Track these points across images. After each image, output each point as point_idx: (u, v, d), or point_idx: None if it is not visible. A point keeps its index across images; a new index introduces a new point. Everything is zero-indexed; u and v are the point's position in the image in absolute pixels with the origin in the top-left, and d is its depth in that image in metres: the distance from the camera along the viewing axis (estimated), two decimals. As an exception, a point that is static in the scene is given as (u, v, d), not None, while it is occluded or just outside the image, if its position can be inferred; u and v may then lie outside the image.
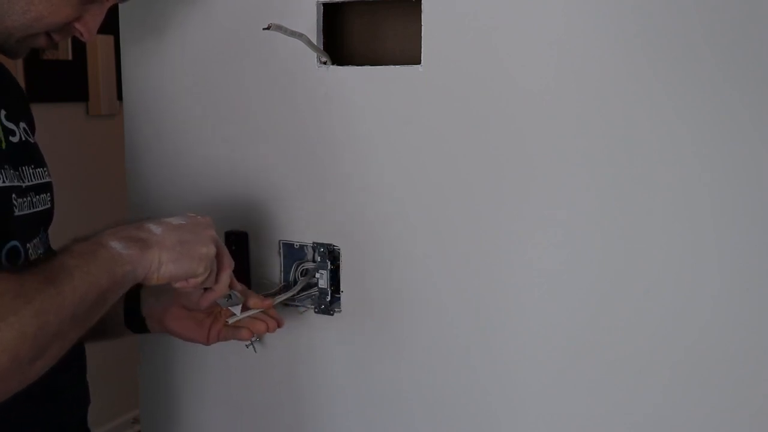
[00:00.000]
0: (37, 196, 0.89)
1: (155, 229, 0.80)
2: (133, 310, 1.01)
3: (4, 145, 0.83)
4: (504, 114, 0.93)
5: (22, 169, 0.86)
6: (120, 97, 1.88)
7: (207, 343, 0.99)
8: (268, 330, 0.99)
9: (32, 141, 0.92)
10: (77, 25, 0.86)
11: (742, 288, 0.85)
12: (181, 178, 1.15)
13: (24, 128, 0.91)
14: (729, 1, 0.81)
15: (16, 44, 0.85)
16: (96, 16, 0.87)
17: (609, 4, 0.86)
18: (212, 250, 0.84)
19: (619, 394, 0.92)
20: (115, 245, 0.76)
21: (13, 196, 0.82)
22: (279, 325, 0.99)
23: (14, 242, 0.81)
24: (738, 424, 0.87)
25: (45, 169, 0.93)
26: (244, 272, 1.11)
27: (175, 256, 0.80)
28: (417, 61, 0.97)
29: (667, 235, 0.87)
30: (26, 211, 0.85)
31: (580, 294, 0.92)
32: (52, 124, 0.96)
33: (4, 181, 0.80)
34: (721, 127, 0.83)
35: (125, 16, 1.15)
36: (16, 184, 0.83)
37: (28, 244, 0.84)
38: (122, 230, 0.78)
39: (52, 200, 0.93)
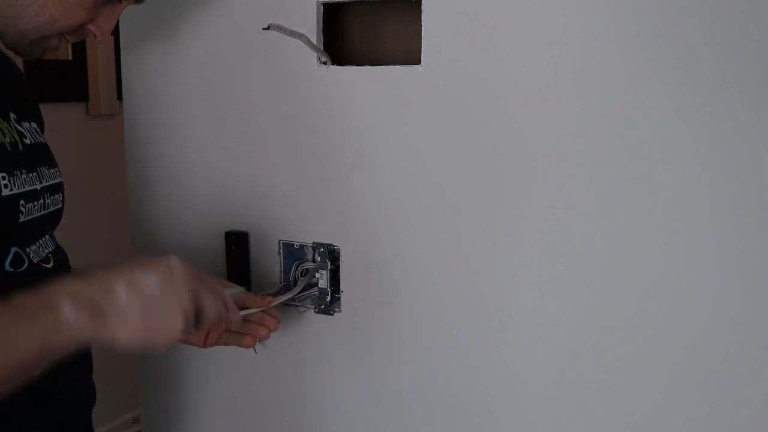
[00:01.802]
0: (51, 197, 0.90)
1: (122, 297, 0.72)
2: None
3: (21, 146, 0.84)
4: (504, 114, 0.93)
5: (39, 170, 0.87)
6: (120, 97, 1.88)
7: (203, 346, 0.99)
8: (270, 332, 0.99)
9: (43, 141, 0.92)
10: (91, 27, 0.87)
11: (742, 288, 0.85)
12: (181, 178, 1.15)
13: (35, 128, 0.91)
14: (729, 1, 0.81)
15: (30, 45, 0.86)
16: (109, 18, 0.88)
17: (609, 4, 0.86)
18: (179, 322, 0.75)
19: (619, 394, 0.92)
20: (68, 310, 0.69)
21: (21, 202, 0.82)
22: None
23: (15, 249, 0.81)
24: (738, 424, 0.87)
25: (57, 169, 0.93)
26: (244, 272, 1.11)
27: (133, 332, 0.73)
28: (417, 61, 0.97)
29: (667, 235, 0.87)
30: (36, 215, 0.85)
31: (580, 294, 0.92)
32: (52, 124, 0.96)
33: (11, 189, 0.80)
34: (721, 127, 0.83)
35: (125, 16, 1.15)
36: (28, 189, 0.83)
37: (28, 249, 0.84)
38: (86, 290, 0.71)
39: (63, 200, 0.94)
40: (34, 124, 0.91)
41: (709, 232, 0.86)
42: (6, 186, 0.80)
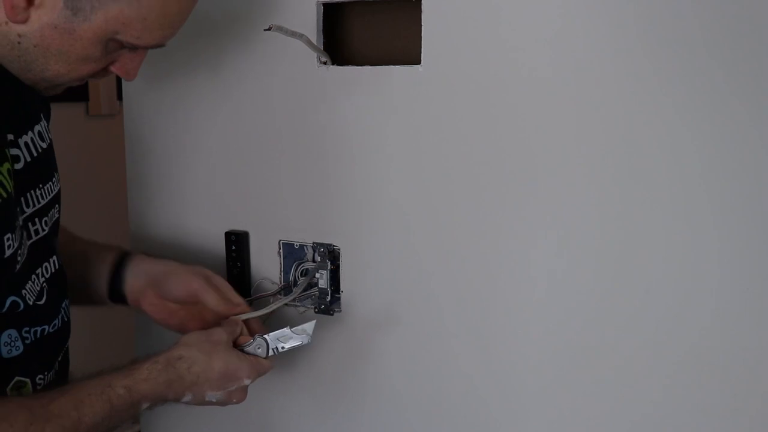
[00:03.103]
0: (46, 215, 0.87)
1: (187, 396, 0.89)
2: (116, 282, 1.02)
3: (10, 190, 0.79)
4: (504, 114, 0.93)
5: (29, 195, 0.84)
6: (120, 97, 1.88)
7: (184, 332, 0.98)
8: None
9: (44, 147, 0.88)
10: (113, 69, 0.83)
11: (742, 288, 0.85)
12: (181, 178, 1.15)
13: (38, 132, 0.87)
14: (729, 1, 0.81)
15: (47, 90, 0.83)
16: (132, 60, 0.84)
17: (608, 3, 0.86)
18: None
19: (619, 394, 0.92)
20: (145, 406, 0.85)
21: (19, 252, 0.80)
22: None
23: (12, 298, 0.81)
24: (738, 424, 0.87)
25: (54, 177, 0.90)
26: (244, 272, 1.11)
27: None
28: (417, 61, 0.97)
29: (667, 235, 0.87)
30: (26, 253, 0.83)
31: (581, 294, 0.92)
32: (53, 124, 0.96)
33: (12, 246, 0.78)
34: (721, 127, 0.83)
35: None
36: (20, 241, 0.80)
37: (24, 290, 0.83)
38: (163, 394, 0.86)
39: (59, 209, 0.92)
40: (37, 127, 0.87)
41: (709, 232, 0.86)
42: (9, 247, 0.77)
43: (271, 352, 0.93)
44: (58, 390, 0.81)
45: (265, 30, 0.92)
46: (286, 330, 0.93)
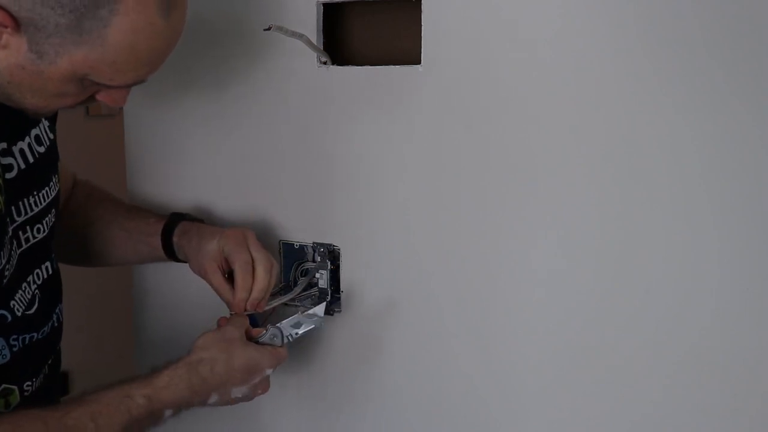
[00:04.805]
0: (40, 222, 0.87)
1: (213, 397, 0.90)
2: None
3: (3, 208, 0.78)
4: (504, 114, 0.93)
5: (21, 204, 0.83)
6: (120, 97, 1.87)
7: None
8: None
9: (41, 151, 0.87)
10: (99, 98, 0.81)
11: (742, 288, 0.85)
12: (181, 179, 1.15)
13: (35, 137, 0.86)
14: (729, 1, 0.81)
15: (33, 115, 0.81)
16: (117, 91, 0.81)
17: (608, 3, 0.86)
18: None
19: (619, 394, 0.92)
20: (168, 414, 0.85)
21: (7, 266, 0.79)
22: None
23: (1, 311, 0.80)
24: (738, 424, 0.87)
25: (52, 181, 0.89)
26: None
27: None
28: (417, 61, 0.97)
29: (667, 235, 0.87)
30: (14, 265, 0.82)
31: (581, 294, 0.92)
32: (53, 125, 0.97)
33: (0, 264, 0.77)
34: (721, 127, 0.83)
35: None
36: (9, 254, 0.80)
37: (12, 302, 0.82)
38: (186, 400, 0.86)
39: (57, 214, 0.91)
40: (35, 131, 0.86)
41: (709, 232, 0.86)
42: None
43: (285, 340, 0.94)
44: (75, 401, 0.79)
45: (264, 30, 0.92)
46: (298, 316, 0.94)
